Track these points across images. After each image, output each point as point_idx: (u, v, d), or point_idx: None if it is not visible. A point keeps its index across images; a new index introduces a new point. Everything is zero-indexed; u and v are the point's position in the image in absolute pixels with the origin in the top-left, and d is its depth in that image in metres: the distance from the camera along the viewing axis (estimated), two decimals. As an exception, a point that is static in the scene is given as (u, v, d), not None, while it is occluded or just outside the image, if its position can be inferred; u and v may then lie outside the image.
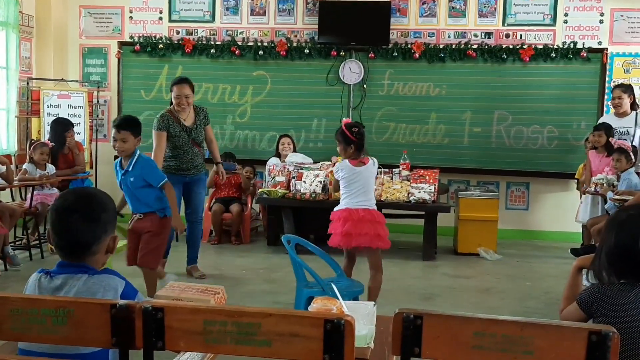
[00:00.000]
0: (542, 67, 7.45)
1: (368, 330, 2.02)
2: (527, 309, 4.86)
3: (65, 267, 1.94)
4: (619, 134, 6.49)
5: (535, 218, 7.76)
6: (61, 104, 7.58)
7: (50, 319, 1.73)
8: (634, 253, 2.13)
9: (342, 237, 4.33)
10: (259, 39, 7.88)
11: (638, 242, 2.14)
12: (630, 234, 2.15)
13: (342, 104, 7.72)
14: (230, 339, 1.62)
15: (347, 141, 4.36)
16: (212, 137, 5.76)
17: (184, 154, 5.48)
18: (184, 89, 5.43)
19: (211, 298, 2.29)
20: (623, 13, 7.43)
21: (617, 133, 6.49)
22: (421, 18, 7.74)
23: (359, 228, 4.33)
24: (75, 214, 1.93)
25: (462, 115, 7.61)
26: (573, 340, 1.48)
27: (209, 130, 5.69)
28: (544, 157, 7.50)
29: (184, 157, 5.48)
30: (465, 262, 6.44)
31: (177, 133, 5.44)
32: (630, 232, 2.15)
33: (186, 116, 5.49)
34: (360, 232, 4.34)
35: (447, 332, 1.54)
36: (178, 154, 5.48)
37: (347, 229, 4.33)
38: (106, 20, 8.16)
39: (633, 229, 2.16)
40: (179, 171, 5.48)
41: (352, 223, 4.33)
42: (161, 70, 7.95)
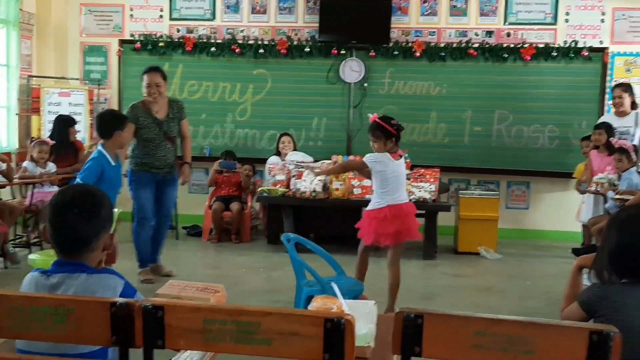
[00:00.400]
0: (543, 66, 7.44)
1: (368, 329, 2.01)
2: (528, 309, 4.86)
3: (62, 266, 1.93)
4: (619, 134, 6.48)
5: (535, 217, 7.75)
6: (62, 101, 7.57)
7: (50, 317, 1.72)
8: (635, 253, 2.13)
9: (393, 236, 4.33)
10: (260, 37, 7.88)
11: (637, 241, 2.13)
12: (631, 233, 2.15)
13: (342, 102, 7.72)
14: (230, 338, 1.61)
15: (388, 134, 4.30)
16: (186, 133, 5.45)
17: (155, 149, 5.19)
18: (155, 77, 5.16)
19: (211, 296, 2.28)
20: (624, 12, 7.42)
21: (617, 133, 6.48)
22: (422, 17, 7.73)
23: (407, 224, 4.36)
24: (75, 209, 1.92)
25: (463, 114, 7.61)
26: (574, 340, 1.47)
27: (184, 125, 5.39)
28: (545, 157, 7.50)
29: (157, 154, 5.19)
30: (466, 261, 6.43)
31: (146, 125, 5.16)
32: (631, 232, 2.15)
33: (158, 108, 5.23)
34: (410, 227, 4.39)
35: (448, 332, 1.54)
36: (149, 150, 5.19)
37: (398, 227, 4.32)
38: (107, 18, 8.15)
39: (634, 228, 2.16)
40: (152, 169, 5.22)
41: (401, 220, 4.33)
42: (162, 68, 7.93)
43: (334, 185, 6.46)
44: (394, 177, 4.32)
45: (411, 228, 4.40)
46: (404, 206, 4.40)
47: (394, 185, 4.33)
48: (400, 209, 4.34)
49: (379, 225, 4.34)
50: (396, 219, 4.31)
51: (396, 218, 4.31)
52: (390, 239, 4.36)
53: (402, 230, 4.34)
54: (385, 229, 4.32)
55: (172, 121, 5.29)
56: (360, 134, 7.72)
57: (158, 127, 5.21)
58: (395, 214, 4.31)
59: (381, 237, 4.36)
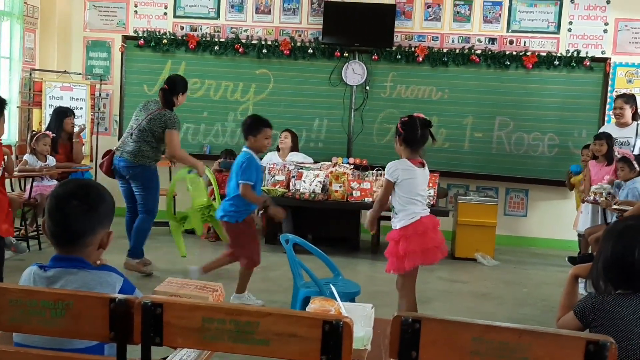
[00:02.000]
0: (545, 74, 7.46)
1: (365, 332, 2.02)
2: (523, 316, 4.87)
3: (59, 261, 1.92)
4: (619, 144, 6.49)
5: (533, 225, 7.77)
6: (63, 96, 7.58)
7: (49, 311, 1.72)
8: (630, 264, 2.13)
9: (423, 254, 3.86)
10: (263, 37, 7.89)
11: (634, 252, 2.14)
12: (627, 244, 2.16)
13: (344, 105, 7.73)
14: (227, 337, 1.62)
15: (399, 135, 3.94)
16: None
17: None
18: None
19: (209, 295, 2.29)
20: (627, 23, 7.45)
21: (618, 143, 6.49)
22: (425, 22, 7.74)
23: (437, 239, 3.93)
24: (73, 201, 1.91)
25: (464, 120, 7.62)
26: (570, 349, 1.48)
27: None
28: (544, 165, 7.52)
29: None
30: (463, 267, 6.44)
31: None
32: (627, 243, 2.16)
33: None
34: (441, 242, 3.97)
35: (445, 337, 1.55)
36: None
37: (429, 242, 3.88)
38: (111, 13, 8.16)
39: (629, 239, 2.16)
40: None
41: (432, 234, 3.89)
42: (164, 65, 7.95)
43: (334, 187, 6.47)
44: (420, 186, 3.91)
45: (442, 242, 3.98)
46: (433, 217, 3.98)
47: (420, 194, 3.90)
48: (431, 221, 3.93)
49: (404, 245, 3.83)
50: (427, 235, 3.86)
51: (427, 233, 3.86)
52: (424, 257, 3.87)
53: (432, 247, 3.89)
54: (419, 245, 3.83)
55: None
56: (361, 136, 7.75)
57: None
58: (427, 228, 3.87)
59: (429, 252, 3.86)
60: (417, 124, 3.85)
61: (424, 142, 3.94)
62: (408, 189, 3.85)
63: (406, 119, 3.91)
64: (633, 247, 2.15)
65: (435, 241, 3.91)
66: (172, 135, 5.33)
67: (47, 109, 7.44)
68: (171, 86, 5.47)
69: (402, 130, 3.86)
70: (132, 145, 5.39)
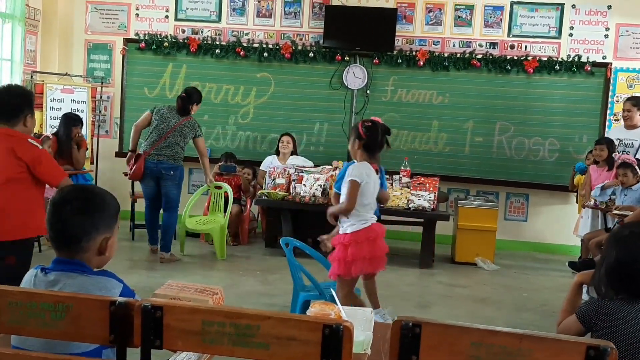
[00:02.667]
0: (546, 79, 7.47)
1: (365, 336, 2.02)
2: (523, 320, 4.87)
3: (60, 264, 1.93)
4: (623, 146, 6.52)
5: (533, 230, 7.76)
6: (64, 98, 7.58)
7: (49, 313, 1.72)
8: (634, 270, 2.13)
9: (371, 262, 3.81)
10: (264, 40, 7.89)
11: (637, 258, 2.14)
12: (631, 251, 2.16)
13: (344, 108, 7.73)
14: (227, 340, 1.61)
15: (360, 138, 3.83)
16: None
17: None
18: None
19: (209, 298, 2.29)
20: (628, 29, 7.45)
21: (622, 145, 6.52)
22: (427, 26, 7.75)
23: (384, 248, 3.89)
24: (69, 206, 1.92)
25: (464, 125, 7.62)
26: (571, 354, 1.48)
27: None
28: (545, 169, 7.52)
29: None
30: (463, 272, 6.44)
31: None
32: (631, 250, 2.16)
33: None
34: (386, 251, 3.92)
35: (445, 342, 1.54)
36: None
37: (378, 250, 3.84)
38: (112, 16, 8.17)
39: (634, 246, 2.16)
40: None
41: (380, 242, 3.85)
42: (165, 68, 7.96)
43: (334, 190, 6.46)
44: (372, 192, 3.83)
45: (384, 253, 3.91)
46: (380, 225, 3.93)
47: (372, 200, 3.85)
48: (380, 228, 3.89)
49: (372, 247, 3.79)
50: (377, 242, 3.82)
51: (377, 240, 3.83)
52: (383, 262, 3.87)
53: (378, 256, 3.84)
54: (382, 250, 3.84)
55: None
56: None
57: None
58: (377, 235, 3.84)
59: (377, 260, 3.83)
60: (379, 130, 3.81)
61: (381, 148, 3.88)
62: (365, 193, 3.77)
63: (369, 124, 3.83)
64: (637, 253, 2.14)
65: (382, 250, 3.84)
66: (202, 141, 6.28)
67: (48, 111, 7.44)
68: (188, 95, 6.22)
69: (365, 136, 3.78)
70: (168, 149, 6.06)
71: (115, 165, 7.81)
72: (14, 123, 3.47)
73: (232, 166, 7.14)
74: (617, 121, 7.32)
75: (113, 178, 7.68)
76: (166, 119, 6.10)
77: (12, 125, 3.46)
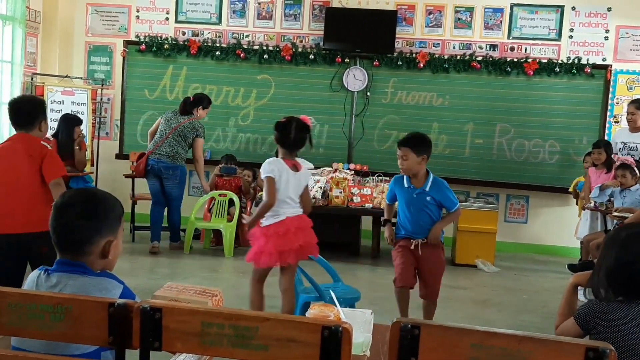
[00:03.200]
0: (546, 81, 7.47)
1: (364, 338, 2.02)
2: (523, 322, 4.86)
3: (62, 265, 1.94)
4: (627, 149, 6.51)
5: (533, 231, 7.76)
6: (65, 100, 7.58)
7: (48, 314, 1.73)
8: (634, 272, 2.13)
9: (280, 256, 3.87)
10: (265, 43, 7.90)
11: (636, 259, 2.14)
12: (631, 252, 2.15)
13: (344, 110, 7.73)
14: (227, 342, 1.61)
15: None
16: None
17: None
18: None
19: (209, 300, 2.29)
20: (628, 31, 7.46)
21: (627, 148, 6.51)
22: (427, 28, 7.76)
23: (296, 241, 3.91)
24: (72, 209, 1.92)
25: (464, 127, 7.62)
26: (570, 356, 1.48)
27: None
28: (545, 171, 7.52)
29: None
30: (463, 273, 6.43)
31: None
32: (631, 251, 2.15)
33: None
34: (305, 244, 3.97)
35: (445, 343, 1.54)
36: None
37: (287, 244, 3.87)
38: (113, 18, 8.18)
39: (633, 247, 2.16)
40: None
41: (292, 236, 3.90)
42: (166, 70, 7.97)
43: (334, 192, 6.47)
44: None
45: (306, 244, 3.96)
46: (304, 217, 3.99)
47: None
48: (302, 220, 3.97)
49: (281, 241, 3.85)
50: (300, 232, 3.91)
51: (300, 231, 3.91)
52: (292, 255, 3.90)
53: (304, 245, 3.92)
54: (293, 243, 3.87)
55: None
56: (362, 142, 7.75)
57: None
58: (298, 226, 3.92)
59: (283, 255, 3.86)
60: (292, 126, 3.89)
61: (298, 145, 3.97)
62: (280, 189, 3.85)
63: (283, 120, 3.95)
64: (636, 253, 2.14)
65: (292, 244, 3.86)
66: (200, 143, 6.54)
67: (48, 113, 7.43)
68: (196, 99, 6.64)
69: (277, 131, 3.93)
70: (168, 149, 6.40)
71: (116, 167, 7.81)
72: (29, 129, 3.89)
73: (232, 168, 7.14)
74: (617, 123, 7.33)
75: (113, 180, 7.68)
76: (169, 121, 6.50)
77: (28, 130, 3.88)
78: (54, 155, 3.94)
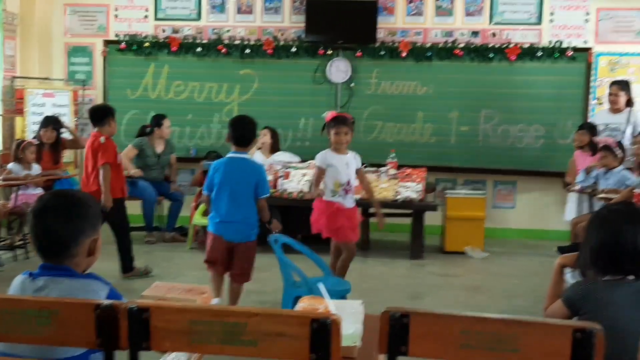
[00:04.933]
0: (529, 66, 7.49)
1: (355, 329, 2.01)
2: (515, 307, 4.89)
3: (47, 270, 1.92)
4: (610, 130, 6.55)
5: (521, 216, 7.79)
6: (46, 102, 7.51)
7: (34, 319, 1.71)
8: (617, 247, 2.14)
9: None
10: (246, 37, 7.86)
11: (619, 237, 2.15)
12: (612, 230, 2.17)
13: (329, 102, 7.70)
14: (216, 339, 1.61)
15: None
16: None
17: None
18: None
19: (197, 298, 2.28)
20: (608, 12, 7.48)
21: (608, 129, 6.55)
22: (408, 17, 7.75)
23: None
24: (51, 213, 1.90)
25: (449, 114, 7.63)
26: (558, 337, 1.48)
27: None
28: (531, 156, 7.54)
29: None
30: (453, 261, 6.46)
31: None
32: (611, 229, 2.17)
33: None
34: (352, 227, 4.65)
35: (434, 331, 1.54)
36: None
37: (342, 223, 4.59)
38: (91, 18, 8.09)
39: (614, 224, 2.17)
40: None
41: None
42: (147, 69, 7.90)
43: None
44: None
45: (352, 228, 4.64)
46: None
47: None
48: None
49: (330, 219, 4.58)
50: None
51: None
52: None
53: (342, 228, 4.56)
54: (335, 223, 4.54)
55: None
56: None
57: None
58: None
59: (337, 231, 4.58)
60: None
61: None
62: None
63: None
64: (618, 230, 2.15)
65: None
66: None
67: (30, 116, 7.37)
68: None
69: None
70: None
71: (101, 168, 7.74)
72: (101, 126, 5.36)
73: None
74: (600, 105, 7.35)
75: (99, 181, 7.61)
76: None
77: (101, 127, 5.36)
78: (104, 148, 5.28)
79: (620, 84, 6.57)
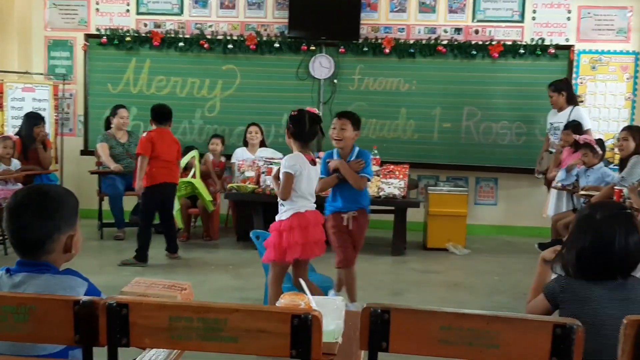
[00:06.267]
0: (511, 63, 7.53)
1: (336, 325, 2.01)
2: (496, 304, 4.92)
3: (25, 266, 1.90)
4: (554, 129, 6.73)
5: (503, 213, 7.85)
6: (25, 97, 7.42)
7: (11, 316, 1.69)
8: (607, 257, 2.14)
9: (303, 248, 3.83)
10: (229, 32, 7.81)
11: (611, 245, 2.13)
12: (604, 237, 2.15)
13: (312, 98, 7.70)
14: (196, 335, 1.60)
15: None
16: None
17: None
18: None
19: (178, 294, 2.25)
20: (590, 10, 7.54)
21: (553, 128, 6.76)
22: (391, 13, 7.75)
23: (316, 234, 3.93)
24: (27, 210, 1.88)
25: (432, 111, 7.65)
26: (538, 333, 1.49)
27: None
28: (512, 153, 7.59)
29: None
30: (435, 257, 6.48)
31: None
32: (604, 236, 2.15)
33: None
34: (321, 238, 3.96)
35: (414, 327, 1.55)
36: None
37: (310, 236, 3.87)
38: (72, 11, 8.00)
39: (607, 232, 2.16)
40: None
41: (313, 229, 3.90)
42: (128, 63, 7.83)
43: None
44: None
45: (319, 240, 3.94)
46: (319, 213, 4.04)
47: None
48: (318, 215, 4.00)
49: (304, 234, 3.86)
50: (317, 227, 3.94)
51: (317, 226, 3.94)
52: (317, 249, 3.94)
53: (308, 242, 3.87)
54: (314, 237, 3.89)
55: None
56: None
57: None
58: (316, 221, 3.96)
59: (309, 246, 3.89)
60: (306, 118, 3.89)
61: (312, 137, 3.97)
62: (299, 184, 3.83)
63: (295, 113, 3.95)
64: (613, 238, 2.14)
65: (314, 237, 3.88)
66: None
67: (9, 111, 7.28)
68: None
69: (291, 125, 3.90)
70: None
71: (81, 164, 7.66)
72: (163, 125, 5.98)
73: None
74: (581, 102, 7.41)
75: (79, 177, 7.55)
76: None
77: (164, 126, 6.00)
78: (142, 141, 5.80)
79: (553, 86, 6.78)
